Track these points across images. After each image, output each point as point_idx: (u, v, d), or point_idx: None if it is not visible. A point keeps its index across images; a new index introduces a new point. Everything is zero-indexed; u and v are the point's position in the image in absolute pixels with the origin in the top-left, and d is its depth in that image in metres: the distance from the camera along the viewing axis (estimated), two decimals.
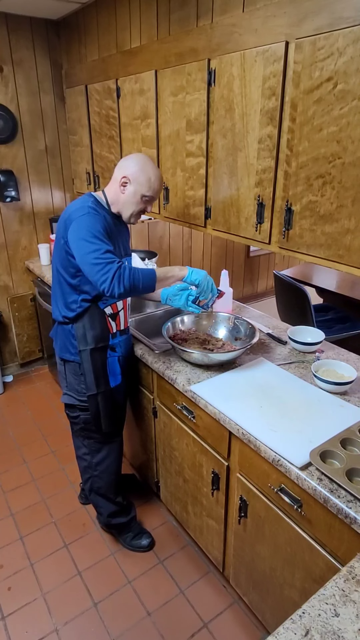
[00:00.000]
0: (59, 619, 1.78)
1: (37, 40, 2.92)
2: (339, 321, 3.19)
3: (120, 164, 1.67)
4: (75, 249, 1.54)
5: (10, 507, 2.30)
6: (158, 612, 1.80)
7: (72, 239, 1.55)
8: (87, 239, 1.52)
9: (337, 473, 1.18)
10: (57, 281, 1.70)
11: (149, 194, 1.65)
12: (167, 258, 4.05)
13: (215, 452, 1.62)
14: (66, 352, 1.75)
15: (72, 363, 1.75)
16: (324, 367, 1.68)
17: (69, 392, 1.81)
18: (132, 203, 1.66)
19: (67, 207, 1.68)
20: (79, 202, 1.63)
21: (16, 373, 3.57)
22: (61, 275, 1.66)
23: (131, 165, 1.63)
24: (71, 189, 3.36)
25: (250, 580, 1.63)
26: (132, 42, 2.24)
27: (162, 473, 2.08)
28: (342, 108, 1.30)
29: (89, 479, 1.95)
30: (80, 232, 1.53)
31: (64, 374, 1.81)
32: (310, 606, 0.87)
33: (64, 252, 1.62)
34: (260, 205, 1.68)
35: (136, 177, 1.61)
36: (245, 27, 1.59)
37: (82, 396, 1.77)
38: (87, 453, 1.90)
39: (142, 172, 1.62)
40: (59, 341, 1.78)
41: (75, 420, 1.85)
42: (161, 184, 1.69)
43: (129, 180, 1.62)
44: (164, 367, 1.78)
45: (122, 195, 1.66)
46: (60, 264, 1.65)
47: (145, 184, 1.63)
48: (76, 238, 1.54)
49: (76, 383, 1.77)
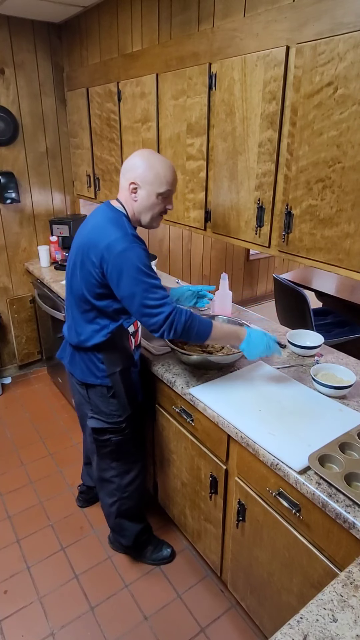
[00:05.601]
0: (56, 623, 1.77)
1: (39, 43, 2.93)
2: (338, 325, 3.19)
3: (123, 169, 1.53)
4: (121, 285, 1.40)
5: (7, 509, 2.29)
6: (155, 617, 1.79)
7: (116, 272, 1.40)
8: (137, 276, 1.38)
9: (335, 477, 1.18)
10: (81, 307, 1.55)
11: (163, 190, 1.49)
12: (167, 261, 4.05)
13: (214, 456, 1.62)
14: (91, 377, 1.63)
15: (98, 387, 1.64)
16: (323, 371, 1.68)
17: (96, 415, 1.68)
18: (149, 207, 1.51)
19: (94, 226, 1.49)
20: (116, 226, 1.44)
21: (15, 375, 3.56)
22: (87, 302, 1.52)
23: (135, 167, 1.48)
24: (71, 191, 3.36)
25: (248, 585, 1.62)
26: (133, 46, 2.25)
27: (159, 476, 2.07)
28: (342, 113, 1.31)
29: (116, 501, 1.82)
30: (128, 267, 1.38)
31: (86, 397, 1.69)
32: (308, 611, 0.86)
33: (93, 279, 1.46)
34: (260, 208, 1.68)
35: (143, 177, 1.46)
36: (246, 31, 1.59)
37: (113, 418, 1.67)
38: (116, 475, 1.77)
39: (148, 169, 1.46)
40: (79, 366, 1.65)
41: (104, 444, 1.72)
42: (174, 173, 1.51)
43: (137, 184, 1.47)
44: (162, 370, 1.78)
45: (135, 203, 1.51)
46: (88, 289, 1.49)
47: (156, 181, 1.46)
48: (123, 274, 1.39)
49: (104, 406, 1.66)
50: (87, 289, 1.50)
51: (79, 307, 1.56)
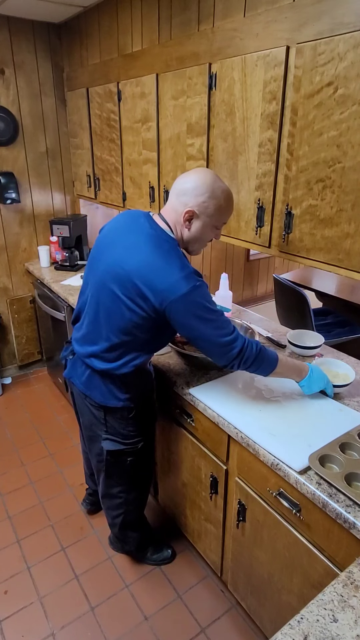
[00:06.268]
0: (56, 623, 1.77)
1: (39, 43, 2.93)
2: (339, 325, 3.19)
3: (179, 189, 1.34)
4: (190, 327, 1.31)
5: (7, 509, 2.29)
6: (155, 617, 1.79)
7: (181, 314, 1.29)
8: (205, 316, 1.30)
9: (336, 477, 1.18)
10: (114, 334, 1.41)
11: (221, 223, 1.40)
12: None
13: (214, 456, 1.62)
14: (112, 399, 1.53)
15: (118, 409, 1.56)
16: (324, 366, 1.67)
17: (111, 436, 1.60)
18: (200, 238, 1.39)
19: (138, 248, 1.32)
20: (173, 260, 1.29)
21: (15, 375, 3.56)
22: (129, 333, 1.39)
23: (195, 193, 1.31)
24: (71, 191, 3.36)
25: (249, 585, 1.62)
26: (133, 46, 2.25)
27: (160, 477, 2.07)
28: (343, 113, 1.31)
29: (121, 514, 1.80)
30: (196, 309, 1.29)
31: (102, 419, 1.58)
32: (308, 611, 0.86)
33: (143, 314, 1.33)
34: (261, 208, 1.68)
35: (204, 208, 1.32)
36: (246, 31, 1.59)
37: (130, 439, 1.60)
38: (124, 491, 1.74)
39: (211, 199, 1.31)
40: (98, 389, 1.54)
41: (117, 464, 1.65)
42: (232, 204, 1.40)
43: (195, 214, 1.33)
44: (163, 370, 1.78)
45: (186, 232, 1.37)
46: (132, 322, 1.36)
47: (216, 214, 1.35)
48: (191, 316, 1.29)
49: (121, 427, 1.59)
50: (132, 322, 1.36)
51: (113, 333, 1.41)
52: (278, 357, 1.45)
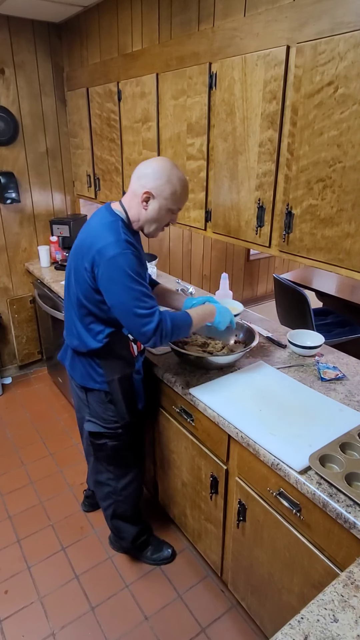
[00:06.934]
0: (56, 623, 1.77)
1: (39, 43, 2.93)
2: (339, 325, 3.19)
3: (139, 173, 1.46)
4: (111, 292, 1.40)
5: (7, 509, 2.29)
6: (155, 617, 1.79)
7: (105, 278, 1.39)
8: (126, 283, 1.37)
9: (336, 477, 1.18)
10: (78, 311, 1.54)
11: (175, 207, 1.48)
12: (167, 261, 4.05)
13: (214, 456, 1.62)
14: (90, 381, 1.63)
15: (96, 391, 1.64)
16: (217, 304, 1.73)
17: (93, 419, 1.69)
18: (157, 219, 1.48)
19: (90, 229, 1.48)
20: (110, 230, 1.42)
21: (15, 375, 3.56)
22: (84, 306, 1.51)
23: (153, 176, 1.42)
24: (72, 191, 3.36)
25: (249, 585, 1.62)
26: (133, 46, 2.25)
27: (160, 476, 2.07)
28: (343, 112, 1.31)
29: (112, 504, 1.84)
30: (118, 274, 1.37)
31: (85, 401, 1.70)
32: (309, 611, 0.86)
33: (87, 284, 1.45)
34: (261, 208, 1.68)
35: (160, 190, 1.42)
36: (246, 31, 1.59)
37: (110, 424, 1.66)
38: (112, 478, 1.79)
39: (167, 183, 1.42)
40: (78, 370, 1.65)
41: (101, 448, 1.72)
42: (187, 192, 1.50)
43: (151, 195, 1.43)
44: (163, 370, 1.78)
45: (144, 212, 1.47)
46: (83, 294, 1.48)
47: (171, 197, 1.44)
48: (112, 280, 1.38)
49: (102, 411, 1.66)
50: (83, 294, 1.49)
51: (76, 311, 1.55)
52: (189, 314, 1.54)
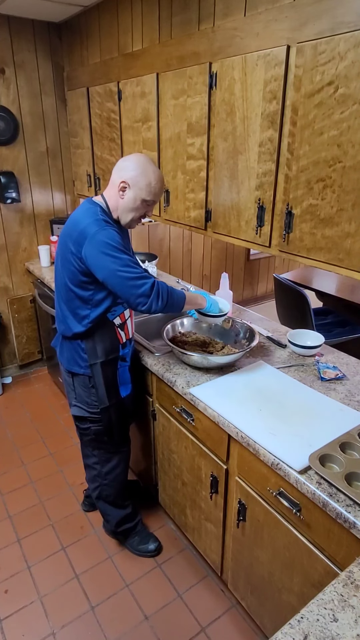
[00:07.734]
0: (56, 623, 1.77)
1: (39, 43, 2.93)
2: (339, 325, 3.19)
3: (118, 166, 1.58)
4: (100, 266, 1.47)
5: (7, 509, 2.29)
6: (156, 616, 1.79)
7: (92, 254, 1.47)
8: (111, 253, 1.45)
9: (336, 477, 1.18)
10: (64, 296, 1.62)
11: (149, 199, 1.57)
12: (167, 261, 4.05)
13: (214, 456, 1.62)
14: (75, 366, 1.70)
15: (81, 376, 1.71)
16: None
17: (78, 404, 1.76)
18: (132, 209, 1.58)
19: (71, 218, 1.58)
20: (88, 214, 1.53)
21: (15, 374, 3.57)
22: (70, 290, 1.58)
23: (130, 168, 1.53)
24: (72, 190, 3.36)
25: (249, 585, 1.62)
26: (133, 45, 2.25)
27: (160, 476, 2.07)
28: (343, 112, 1.31)
29: (98, 487, 1.92)
30: (102, 247, 1.46)
31: (72, 386, 1.76)
32: (308, 611, 0.86)
33: (73, 267, 1.54)
34: (261, 208, 1.68)
35: (136, 181, 1.53)
36: (246, 31, 1.59)
37: (93, 408, 1.73)
38: (97, 462, 1.87)
39: (143, 175, 1.53)
40: (65, 354, 1.73)
41: (85, 432, 1.81)
42: (162, 186, 1.61)
43: (128, 185, 1.54)
44: (163, 370, 1.78)
45: (120, 201, 1.57)
46: (69, 277, 1.57)
47: (146, 189, 1.54)
48: (98, 254, 1.46)
49: (86, 395, 1.73)
50: (68, 277, 1.57)
51: (63, 296, 1.63)
52: (183, 292, 1.63)
